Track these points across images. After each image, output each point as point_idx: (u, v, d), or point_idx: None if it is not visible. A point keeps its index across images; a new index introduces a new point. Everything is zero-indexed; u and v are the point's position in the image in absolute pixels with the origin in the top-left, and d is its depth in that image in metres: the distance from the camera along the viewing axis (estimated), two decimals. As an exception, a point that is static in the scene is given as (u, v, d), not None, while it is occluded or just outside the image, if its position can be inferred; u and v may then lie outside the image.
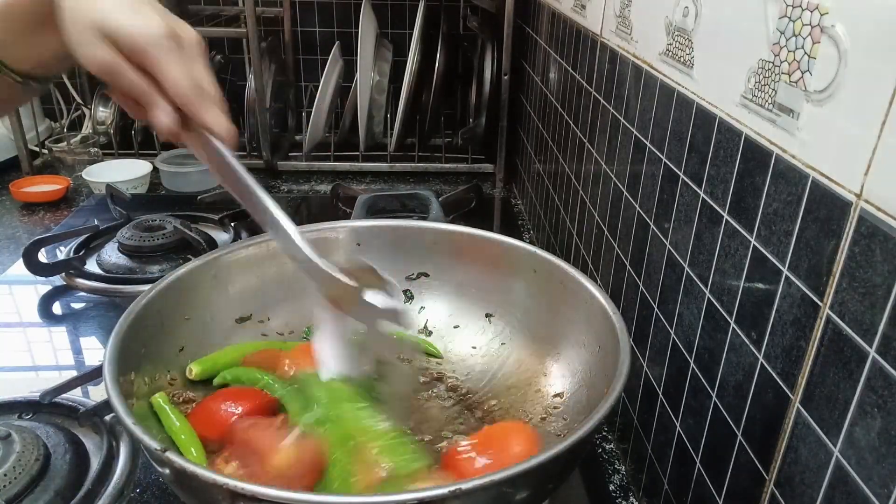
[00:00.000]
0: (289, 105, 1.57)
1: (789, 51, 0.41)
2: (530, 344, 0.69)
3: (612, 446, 0.74)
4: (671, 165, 0.58)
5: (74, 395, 0.71)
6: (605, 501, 0.67)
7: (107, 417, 0.68)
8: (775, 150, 0.42)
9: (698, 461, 0.53)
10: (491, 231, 0.74)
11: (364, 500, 0.47)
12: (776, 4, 0.42)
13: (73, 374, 0.74)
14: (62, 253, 1.04)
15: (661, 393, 0.60)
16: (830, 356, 0.37)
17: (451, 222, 1.07)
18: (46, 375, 0.83)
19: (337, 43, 1.41)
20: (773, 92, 0.42)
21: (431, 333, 0.74)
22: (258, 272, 0.72)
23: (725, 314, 0.48)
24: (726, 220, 0.48)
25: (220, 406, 0.59)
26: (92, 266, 1.00)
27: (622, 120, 0.70)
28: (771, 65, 0.42)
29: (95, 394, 0.76)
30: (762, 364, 0.44)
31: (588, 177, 0.84)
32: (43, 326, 0.93)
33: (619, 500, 0.67)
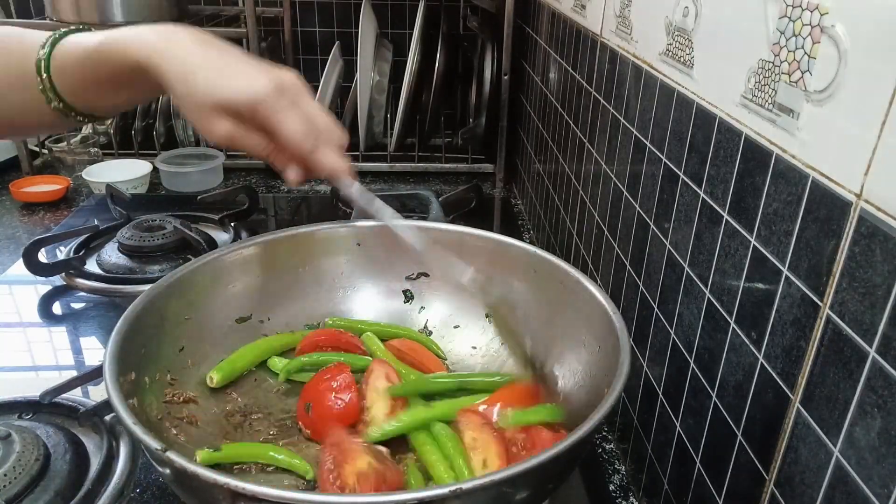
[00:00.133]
0: (289, 105, 1.57)
1: (789, 51, 0.41)
2: (530, 344, 0.69)
3: (612, 446, 0.74)
4: (671, 165, 0.58)
5: (74, 395, 0.71)
6: (605, 501, 0.67)
7: (107, 417, 0.68)
8: (775, 150, 0.42)
9: (698, 461, 0.53)
10: (491, 231, 0.74)
11: (364, 499, 0.47)
12: (776, 4, 0.42)
13: (73, 374, 0.74)
14: (62, 253, 1.04)
15: (661, 393, 0.60)
16: (830, 356, 0.37)
17: (451, 222, 1.07)
18: (46, 375, 0.83)
19: (337, 43, 1.41)
20: (773, 92, 0.42)
21: (431, 333, 0.74)
22: (258, 272, 0.72)
23: (725, 314, 0.48)
24: (726, 220, 0.48)
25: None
26: (92, 266, 1.00)
27: (622, 120, 0.70)
28: (771, 65, 0.42)
29: (95, 394, 0.76)
30: (762, 364, 0.44)
31: (588, 177, 0.84)
32: (43, 326, 0.93)
33: (619, 500, 0.67)
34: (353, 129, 1.39)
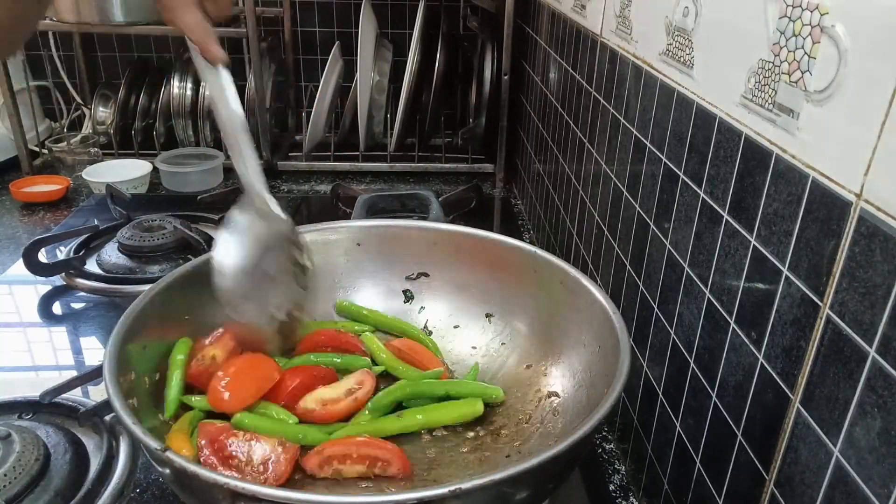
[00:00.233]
0: (289, 105, 1.57)
1: (789, 51, 0.41)
2: (530, 344, 0.69)
3: (612, 446, 0.74)
4: (671, 165, 0.58)
5: (74, 395, 0.71)
6: (605, 501, 0.67)
7: (107, 417, 0.68)
8: (775, 150, 0.42)
9: (698, 461, 0.53)
10: (491, 231, 0.74)
11: (364, 499, 0.47)
12: (776, 4, 0.42)
13: (73, 374, 0.74)
14: (62, 253, 1.04)
15: (661, 393, 0.60)
16: (830, 356, 0.37)
17: (451, 222, 1.07)
18: (46, 375, 0.83)
19: (337, 43, 1.40)
20: (773, 92, 0.42)
21: (431, 333, 0.74)
22: (258, 272, 0.71)
23: (725, 314, 0.48)
24: (726, 220, 0.48)
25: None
26: (92, 266, 1.00)
27: (622, 120, 0.70)
28: (771, 65, 0.42)
29: (95, 394, 0.76)
30: (762, 364, 0.44)
31: (588, 177, 0.84)
32: (43, 326, 0.93)
33: (619, 500, 0.67)
34: (354, 129, 1.39)
